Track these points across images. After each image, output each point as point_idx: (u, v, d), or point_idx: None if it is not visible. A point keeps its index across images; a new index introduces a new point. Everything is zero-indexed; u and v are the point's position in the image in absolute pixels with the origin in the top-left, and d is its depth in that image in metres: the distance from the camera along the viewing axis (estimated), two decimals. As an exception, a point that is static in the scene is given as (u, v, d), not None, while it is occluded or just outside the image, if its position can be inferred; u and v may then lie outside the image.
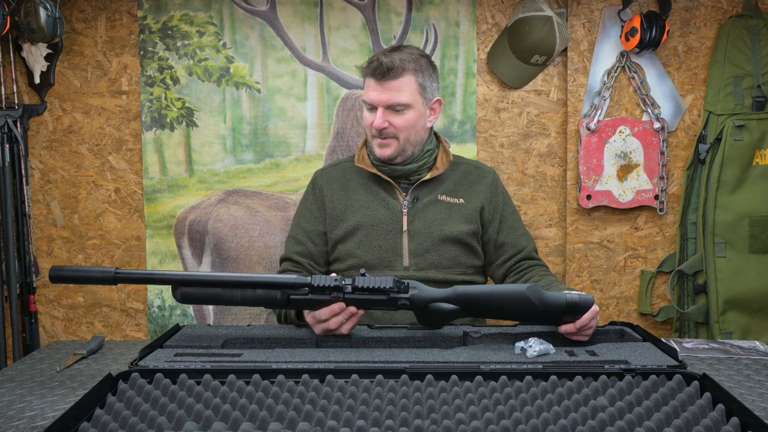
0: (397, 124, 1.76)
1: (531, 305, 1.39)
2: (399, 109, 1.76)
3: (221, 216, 2.49)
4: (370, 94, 1.77)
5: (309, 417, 1.06)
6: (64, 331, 2.54)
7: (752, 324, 2.33)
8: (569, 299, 1.40)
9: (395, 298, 1.42)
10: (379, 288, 1.41)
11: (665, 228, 2.46)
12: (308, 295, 1.42)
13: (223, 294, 1.42)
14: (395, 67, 1.74)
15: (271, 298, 1.43)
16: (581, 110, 2.43)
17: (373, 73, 1.76)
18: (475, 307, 1.44)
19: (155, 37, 2.44)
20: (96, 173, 2.50)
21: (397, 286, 1.41)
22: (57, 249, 2.52)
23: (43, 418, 1.15)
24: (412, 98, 1.76)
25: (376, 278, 1.42)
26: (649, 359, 1.30)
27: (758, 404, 1.20)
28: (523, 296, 1.39)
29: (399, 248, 1.80)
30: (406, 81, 1.75)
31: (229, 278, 1.42)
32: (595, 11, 2.41)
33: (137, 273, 1.47)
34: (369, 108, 1.79)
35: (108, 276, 1.37)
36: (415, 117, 1.78)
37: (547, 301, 1.40)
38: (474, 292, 1.44)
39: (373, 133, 1.79)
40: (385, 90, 1.75)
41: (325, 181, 1.91)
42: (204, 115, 2.46)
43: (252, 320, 2.50)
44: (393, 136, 1.77)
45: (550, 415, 1.05)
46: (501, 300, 1.42)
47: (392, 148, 1.79)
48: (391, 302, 1.42)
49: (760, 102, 2.33)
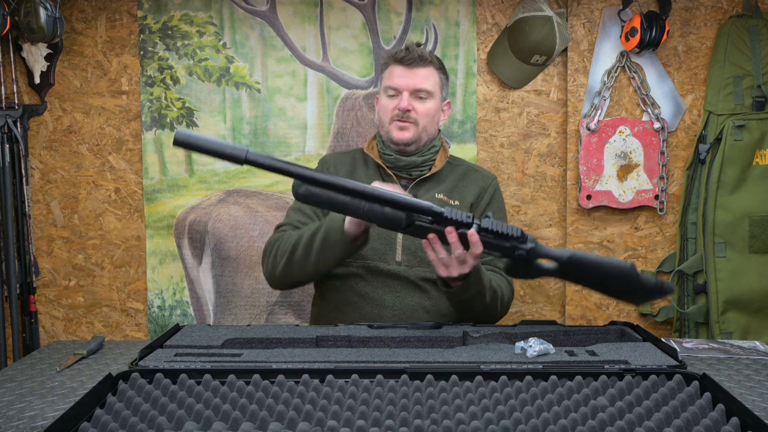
0: (420, 110, 1.82)
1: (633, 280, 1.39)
2: (423, 97, 1.83)
3: (221, 216, 2.49)
4: (395, 80, 1.83)
5: (309, 417, 1.06)
6: (64, 331, 2.54)
7: (752, 324, 2.34)
8: (657, 283, 1.42)
9: (515, 247, 1.39)
10: (506, 234, 1.39)
11: (665, 228, 2.46)
12: (433, 225, 1.39)
13: (349, 203, 1.35)
14: (424, 56, 1.83)
15: (396, 220, 1.37)
16: (581, 110, 2.43)
17: (402, 60, 1.83)
18: (579, 271, 1.42)
19: (155, 37, 2.44)
20: (96, 173, 2.50)
21: (522, 237, 1.39)
22: (57, 249, 2.52)
23: (43, 418, 1.15)
24: (434, 88, 1.84)
25: (504, 224, 1.40)
26: (649, 359, 1.30)
27: (758, 404, 1.20)
28: (626, 271, 1.39)
29: (393, 243, 1.81)
30: (431, 72, 1.84)
31: (361, 188, 1.33)
32: (595, 11, 2.41)
33: (269, 159, 1.28)
34: (392, 94, 1.84)
35: (240, 154, 1.25)
36: (434, 108, 1.85)
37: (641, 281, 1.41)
38: (585, 258, 1.42)
39: (394, 115, 1.82)
40: (413, 75, 1.82)
41: (334, 165, 1.94)
42: (204, 115, 2.46)
43: (252, 320, 2.51)
44: (414, 121, 1.82)
45: (550, 415, 1.05)
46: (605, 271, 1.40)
47: (411, 132, 1.82)
48: (510, 250, 1.40)
49: (760, 102, 2.33)
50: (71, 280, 2.53)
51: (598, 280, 1.42)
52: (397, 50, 1.87)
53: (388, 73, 1.86)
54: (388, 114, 1.84)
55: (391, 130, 1.83)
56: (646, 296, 1.45)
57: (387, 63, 1.88)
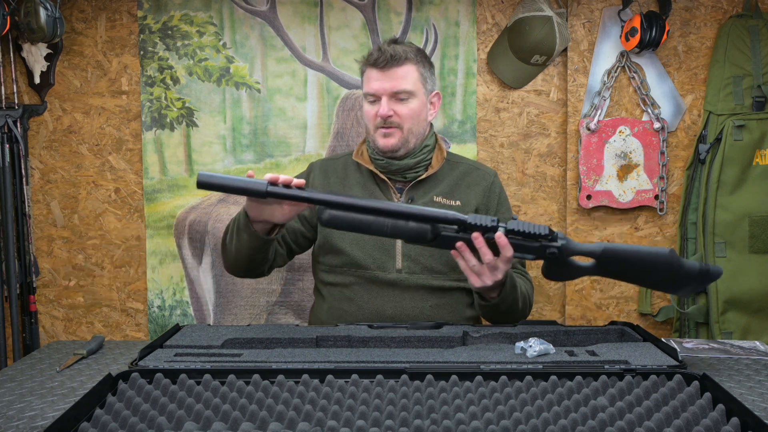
0: (402, 112, 1.75)
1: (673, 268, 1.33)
2: (403, 98, 1.75)
3: (221, 216, 2.49)
4: (372, 85, 1.76)
5: (309, 417, 1.06)
6: (64, 331, 2.54)
7: (752, 324, 2.34)
8: (702, 266, 1.35)
9: (545, 246, 1.37)
10: (534, 234, 1.36)
11: (665, 228, 2.46)
12: (459, 234, 1.38)
13: (373, 223, 1.35)
14: (398, 55, 1.74)
15: (422, 234, 1.36)
16: (581, 110, 2.43)
17: (375, 63, 1.75)
18: (617, 266, 1.37)
19: (155, 37, 2.44)
20: (96, 173, 2.50)
21: (550, 234, 1.36)
22: (57, 249, 2.52)
23: (43, 418, 1.15)
24: (414, 86, 1.76)
25: (531, 224, 1.38)
26: (649, 359, 1.30)
27: (758, 404, 1.20)
28: (667, 257, 1.33)
29: (392, 250, 1.78)
30: (409, 69, 1.76)
31: (385, 206, 1.34)
32: (595, 11, 2.41)
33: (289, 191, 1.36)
34: (371, 100, 1.78)
35: (260, 189, 1.32)
36: (418, 107, 1.78)
37: (685, 266, 1.34)
38: (620, 249, 1.37)
39: (376, 123, 1.77)
40: (389, 78, 1.74)
41: (322, 173, 1.90)
42: (204, 115, 2.46)
43: (252, 320, 2.51)
44: (397, 125, 1.76)
45: (550, 415, 1.05)
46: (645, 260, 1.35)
47: (396, 138, 1.76)
48: (541, 250, 1.37)
49: (760, 102, 2.33)
50: (71, 280, 2.53)
51: (638, 272, 1.36)
52: (370, 52, 1.79)
53: (366, 78, 1.79)
54: (371, 121, 1.78)
55: (377, 138, 1.78)
56: (692, 283, 1.36)
57: (363, 66, 1.81)
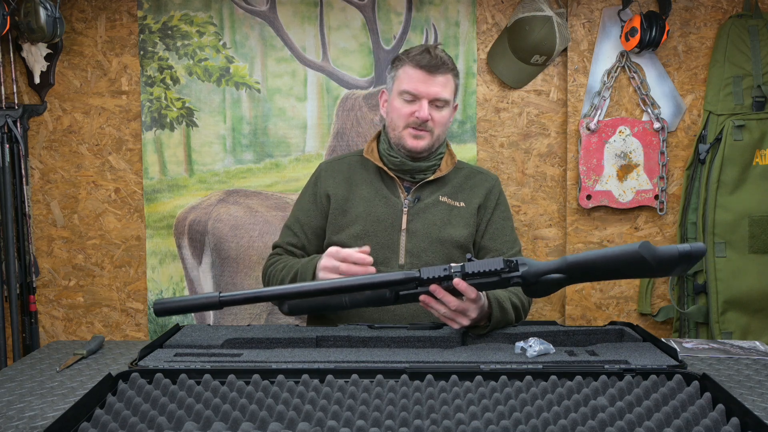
0: (436, 118, 1.78)
1: (644, 263, 1.33)
2: (440, 105, 1.78)
3: (221, 216, 2.49)
4: (417, 86, 1.76)
5: (309, 417, 1.06)
6: (64, 331, 2.54)
7: (752, 324, 2.34)
8: (681, 250, 1.35)
9: (507, 278, 1.39)
10: (491, 271, 1.38)
11: (665, 228, 2.46)
12: (417, 289, 1.41)
13: (330, 301, 1.41)
14: (445, 63, 1.77)
15: (381, 297, 1.41)
16: (581, 110, 2.43)
17: (423, 65, 1.76)
18: (586, 273, 1.40)
19: (155, 37, 2.44)
20: (96, 173, 2.50)
21: (507, 266, 1.38)
22: (57, 249, 2.52)
23: (43, 418, 1.15)
24: (451, 96, 1.80)
25: (485, 261, 1.39)
26: (649, 359, 1.30)
27: (758, 404, 1.20)
28: (635, 256, 1.34)
29: (396, 246, 1.80)
30: (449, 79, 1.79)
31: (337, 284, 1.38)
32: (595, 11, 2.41)
33: (241, 294, 1.38)
34: (409, 99, 1.78)
35: (213, 301, 1.36)
36: (448, 115, 1.82)
37: (660, 256, 1.35)
38: (584, 259, 1.38)
39: (409, 122, 1.78)
40: (434, 84, 1.76)
41: (330, 174, 1.91)
42: (204, 115, 2.46)
43: (252, 320, 2.51)
44: (429, 130, 1.79)
45: (550, 415, 1.05)
46: (613, 263, 1.36)
47: (426, 141, 1.79)
48: (504, 282, 1.39)
49: (760, 102, 2.33)
50: (71, 280, 2.53)
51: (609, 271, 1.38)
52: (416, 51, 1.78)
53: (406, 76, 1.78)
54: (403, 119, 1.78)
55: (405, 136, 1.79)
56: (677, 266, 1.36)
57: (402, 62, 1.80)
